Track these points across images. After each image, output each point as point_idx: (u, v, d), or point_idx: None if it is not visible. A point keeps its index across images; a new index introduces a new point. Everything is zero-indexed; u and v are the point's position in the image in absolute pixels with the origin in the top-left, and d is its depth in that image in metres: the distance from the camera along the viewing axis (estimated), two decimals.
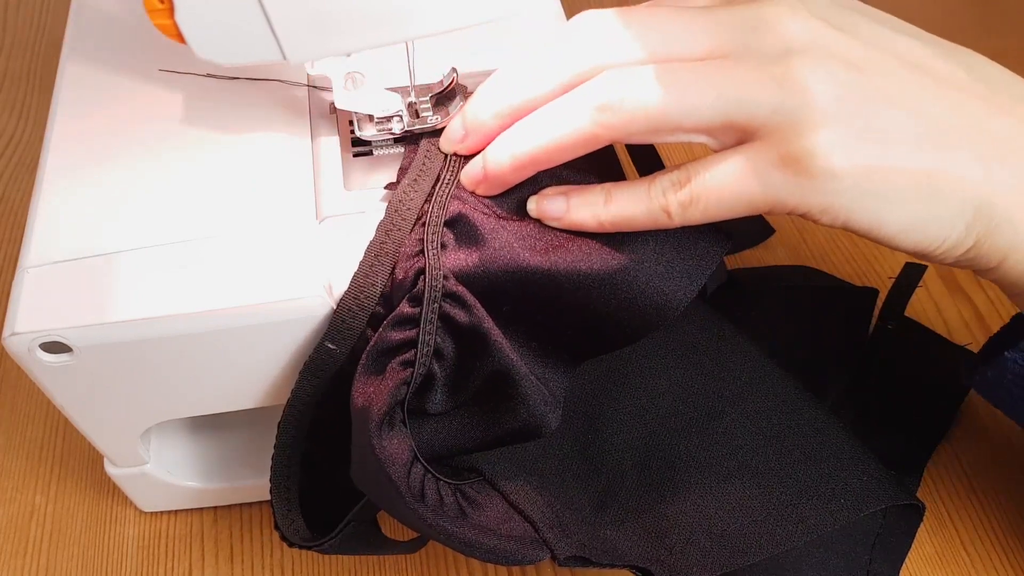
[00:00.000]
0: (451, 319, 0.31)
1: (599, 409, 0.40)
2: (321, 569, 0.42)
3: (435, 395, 0.33)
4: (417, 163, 0.35)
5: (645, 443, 0.40)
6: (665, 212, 0.31)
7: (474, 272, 0.32)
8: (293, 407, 0.34)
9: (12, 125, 0.62)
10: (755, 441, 0.39)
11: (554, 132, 0.31)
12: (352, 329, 0.32)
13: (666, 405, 0.41)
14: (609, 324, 0.33)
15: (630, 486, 0.38)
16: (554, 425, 0.34)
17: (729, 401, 0.41)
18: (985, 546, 0.41)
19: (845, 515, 0.37)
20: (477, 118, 0.33)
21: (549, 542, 0.33)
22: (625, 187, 0.31)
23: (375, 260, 0.32)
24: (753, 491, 0.38)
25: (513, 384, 0.32)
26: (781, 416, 0.40)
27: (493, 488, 0.34)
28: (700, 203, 0.30)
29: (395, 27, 0.31)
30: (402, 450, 0.31)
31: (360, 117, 0.36)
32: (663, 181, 0.31)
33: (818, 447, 0.39)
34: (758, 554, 0.36)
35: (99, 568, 0.42)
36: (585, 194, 0.32)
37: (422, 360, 0.31)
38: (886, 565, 0.40)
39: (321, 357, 0.33)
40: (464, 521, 0.32)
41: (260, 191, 0.35)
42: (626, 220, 0.31)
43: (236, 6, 0.29)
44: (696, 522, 0.37)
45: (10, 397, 0.48)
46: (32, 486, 0.45)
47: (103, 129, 0.37)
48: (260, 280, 0.32)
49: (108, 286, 0.32)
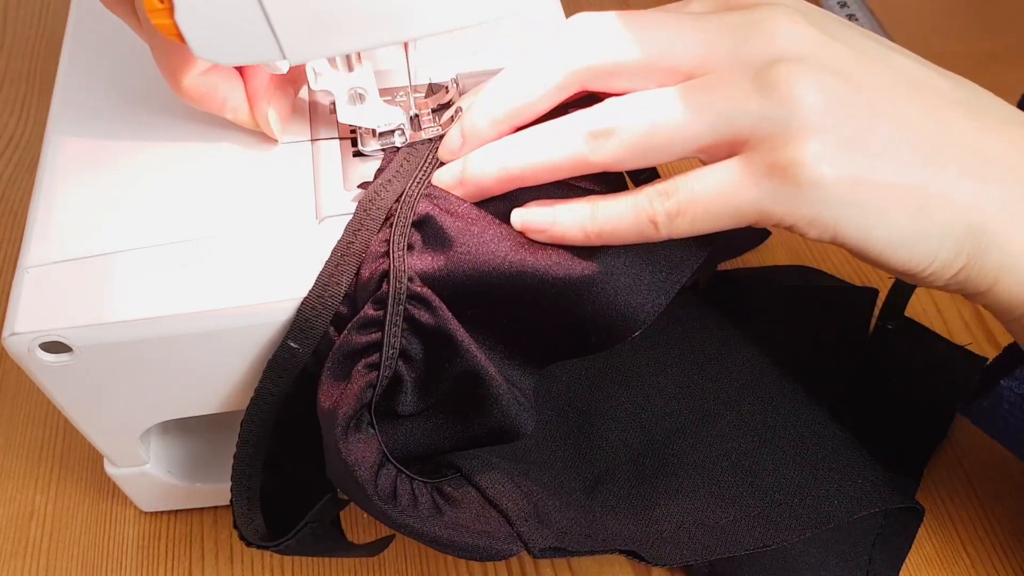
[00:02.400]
0: (416, 321, 0.31)
1: (595, 405, 0.40)
2: (321, 569, 0.42)
3: (405, 396, 0.33)
4: (394, 165, 0.35)
5: (639, 441, 0.40)
6: (652, 223, 0.30)
7: (440, 275, 0.31)
8: (256, 406, 0.34)
9: (12, 125, 0.62)
10: (749, 443, 0.39)
11: (546, 154, 0.31)
12: (315, 328, 0.32)
13: (662, 405, 0.41)
14: (575, 332, 0.32)
15: (623, 478, 0.38)
16: (530, 427, 0.34)
17: (725, 404, 0.41)
18: (985, 547, 0.41)
19: (839, 516, 0.37)
20: (475, 126, 0.33)
21: (523, 535, 0.33)
22: (611, 199, 0.31)
23: (341, 260, 0.32)
24: (746, 490, 0.38)
25: (484, 385, 0.32)
26: (777, 418, 0.40)
27: (470, 483, 0.34)
28: (687, 214, 0.30)
29: (395, 27, 0.31)
30: (369, 452, 0.31)
31: (363, 131, 0.36)
32: (650, 192, 0.30)
33: (814, 449, 0.39)
34: (749, 545, 0.36)
35: (99, 568, 0.42)
36: (571, 205, 0.32)
37: (387, 363, 0.31)
38: (886, 565, 0.40)
39: (284, 356, 0.33)
40: (437, 520, 0.32)
41: (260, 191, 0.35)
42: (613, 232, 0.31)
43: (236, 6, 0.29)
44: (688, 513, 0.37)
45: (10, 397, 0.48)
46: (32, 486, 0.45)
47: (103, 129, 0.37)
48: (260, 280, 0.32)
49: (108, 286, 0.32)
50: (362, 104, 0.35)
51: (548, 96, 0.32)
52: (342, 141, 0.37)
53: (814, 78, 0.29)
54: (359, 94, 0.34)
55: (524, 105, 0.32)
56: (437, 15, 0.31)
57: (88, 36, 0.41)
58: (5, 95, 0.64)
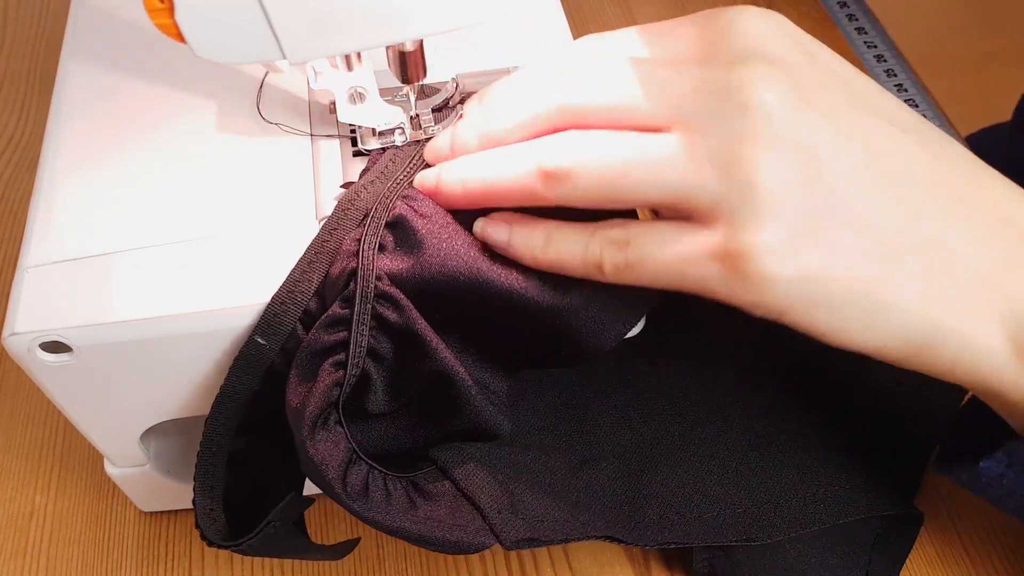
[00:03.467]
0: (384, 320, 0.31)
1: (585, 400, 0.41)
2: (321, 569, 0.42)
3: (375, 396, 0.33)
4: (379, 166, 0.35)
5: (628, 440, 0.40)
6: (599, 269, 0.30)
7: (409, 276, 0.31)
8: (221, 403, 0.33)
9: (12, 125, 0.62)
10: (738, 446, 0.40)
11: (501, 179, 0.31)
12: (283, 325, 0.32)
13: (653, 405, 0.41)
14: (540, 346, 0.33)
15: (608, 470, 0.39)
16: (506, 429, 0.34)
17: (716, 407, 0.41)
18: (985, 547, 0.41)
19: (826, 519, 0.37)
20: (461, 139, 0.33)
21: (495, 527, 0.33)
22: (567, 232, 0.31)
23: (314, 257, 0.32)
24: (732, 488, 0.38)
25: (454, 385, 0.32)
26: (768, 423, 0.40)
27: (445, 476, 0.34)
28: (634, 271, 0.30)
29: (395, 27, 0.31)
30: (336, 451, 0.31)
31: (363, 130, 0.36)
32: (604, 237, 0.30)
33: (803, 455, 0.39)
34: (733, 537, 0.36)
35: (99, 568, 0.42)
36: (528, 229, 0.31)
37: (354, 362, 0.31)
38: (886, 565, 0.40)
39: (250, 352, 0.32)
40: (410, 515, 0.32)
41: (260, 191, 0.35)
42: (560, 266, 0.31)
43: (236, 6, 0.29)
44: (672, 504, 0.37)
45: (10, 397, 0.48)
46: (32, 486, 0.45)
47: (103, 129, 0.37)
48: (260, 280, 0.32)
49: (108, 286, 0.32)
50: (362, 103, 0.35)
51: (530, 126, 0.32)
52: (342, 140, 0.37)
53: (778, 160, 0.27)
54: (359, 93, 0.34)
55: (507, 131, 0.32)
56: (437, 15, 0.31)
57: (88, 36, 0.41)
58: (5, 95, 0.64)
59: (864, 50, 0.61)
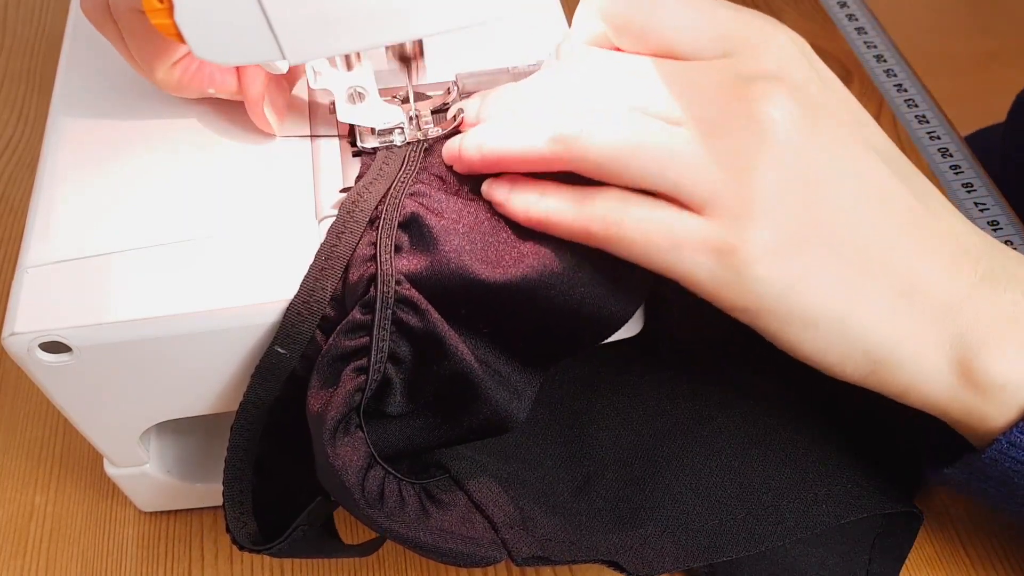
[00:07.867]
0: (404, 324, 0.31)
1: (587, 405, 0.41)
2: (321, 569, 0.42)
3: (394, 398, 0.33)
4: (374, 168, 0.35)
5: (630, 442, 0.40)
6: (587, 234, 0.31)
7: (427, 275, 0.31)
8: (245, 410, 0.34)
9: (12, 125, 0.62)
10: (739, 445, 0.40)
11: (515, 145, 0.32)
12: (302, 333, 0.32)
13: (654, 405, 0.41)
14: (554, 332, 0.33)
15: (611, 479, 0.39)
16: (521, 418, 0.34)
17: (717, 406, 0.41)
18: (985, 546, 0.41)
19: (826, 520, 0.37)
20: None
21: (507, 543, 0.33)
22: (564, 190, 0.32)
23: (325, 264, 0.32)
24: (733, 491, 0.38)
25: (472, 385, 0.32)
26: (769, 422, 0.40)
27: (458, 486, 0.34)
28: (623, 245, 0.31)
29: (395, 27, 0.31)
30: (357, 456, 0.31)
31: (362, 129, 0.36)
32: (600, 204, 0.31)
33: (804, 453, 0.39)
34: (733, 551, 0.36)
35: (99, 568, 0.42)
36: (527, 186, 0.32)
37: (376, 366, 0.31)
38: (886, 565, 0.40)
39: (271, 361, 0.33)
40: (423, 524, 0.32)
41: (260, 191, 0.35)
42: (549, 224, 0.32)
43: (236, 6, 0.29)
44: (674, 516, 0.37)
45: (10, 397, 0.48)
46: (32, 486, 0.45)
47: (103, 129, 0.37)
48: (260, 280, 0.32)
49: (108, 286, 0.32)
50: (361, 103, 0.35)
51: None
52: (342, 141, 0.37)
53: (779, 172, 0.29)
54: (359, 93, 0.34)
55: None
56: (437, 15, 0.31)
57: (88, 36, 0.41)
58: (5, 95, 0.64)
59: (864, 50, 0.61)
